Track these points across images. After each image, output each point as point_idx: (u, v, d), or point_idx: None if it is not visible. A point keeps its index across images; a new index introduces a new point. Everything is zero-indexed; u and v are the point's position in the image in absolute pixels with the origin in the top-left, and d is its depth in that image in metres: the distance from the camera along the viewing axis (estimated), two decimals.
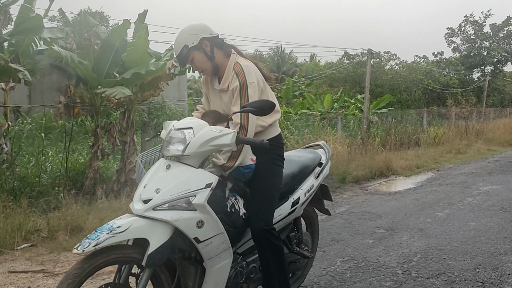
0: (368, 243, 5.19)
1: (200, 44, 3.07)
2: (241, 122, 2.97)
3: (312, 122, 15.76)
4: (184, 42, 3.06)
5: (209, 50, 3.10)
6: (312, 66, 44.00)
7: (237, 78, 3.02)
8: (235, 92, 3.02)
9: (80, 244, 2.46)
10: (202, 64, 3.12)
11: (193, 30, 3.09)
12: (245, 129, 2.97)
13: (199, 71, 3.20)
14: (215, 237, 2.77)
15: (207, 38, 3.09)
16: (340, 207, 7.26)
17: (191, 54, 3.08)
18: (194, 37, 3.06)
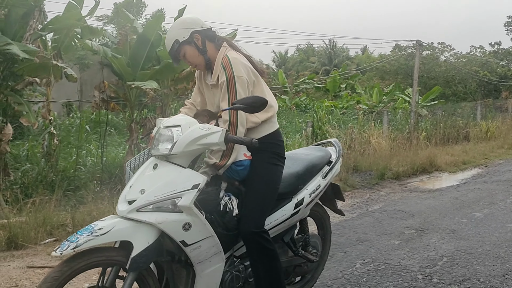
0: (394, 245, 4.95)
1: (191, 38, 2.94)
2: (230, 119, 2.82)
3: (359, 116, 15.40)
4: (175, 37, 2.94)
5: (201, 43, 2.97)
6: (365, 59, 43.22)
7: (225, 72, 2.87)
8: (222, 86, 2.88)
9: (59, 247, 2.39)
10: (194, 58, 3.00)
11: (183, 24, 2.97)
12: (234, 126, 2.82)
13: (192, 66, 3.09)
14: (204, 241, 2.65)
15: (198, 32, 2.96)
16: (374, 204, 7.00)
17: (183, 48, 2.96)
18: (185, 31, 2.94)
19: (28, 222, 5.25)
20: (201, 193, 2.82)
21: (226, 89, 2.85)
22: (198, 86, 3.25)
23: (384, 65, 29.60)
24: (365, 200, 7.29)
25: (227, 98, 2.85)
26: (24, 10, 6.58)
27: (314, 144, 4.08)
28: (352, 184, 8.24)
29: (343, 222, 5.96)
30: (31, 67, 6.63)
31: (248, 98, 2.69)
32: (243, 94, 2.85)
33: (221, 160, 2.81)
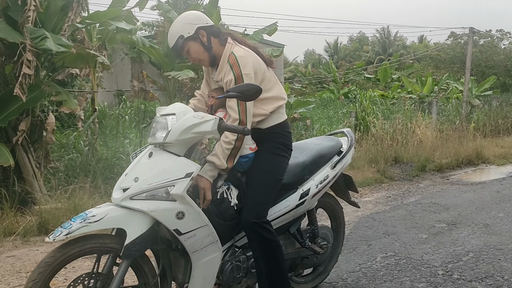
0: (421, 238, 4.79)
1: (196, 34, 2.88)
2: (240, 118, 2.77)
3: (406, 106, 14.98)
4: (179, 32, 2.87)
5: (206, 40, 2.90)
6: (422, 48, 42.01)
7: (231, 71, 2.81)
8: (229, 85, 2.80)
9: (52, 233, 2.44)
10: (198, 55, 2.93)
11: (188, 20, 2.91)
12: (244, 124, 2.76)
13: (196, 63, 3.04)
14: (199, 230, 2.63)
15: (203, 28, 2.90)
16: (410, 197, 6.80)
17: (187, 45, 2.89)
18: (190, 27, 2.87)
19: (60, 208, 5.41)
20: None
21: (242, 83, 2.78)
22: (206, 79, 3.21)
23: (439, 54, 28.60)
24: (402, 193, 7.09)
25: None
26: (63, 2, 6.72)
27: (327, 134, 3.98)
28: (391, 176, 8.03)
29: (374, 214, 5.83)
30: (69, 57, 6.77)
31: (242, 85, 2.64)
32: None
33: (228, 161, 2.76)
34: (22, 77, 5.67)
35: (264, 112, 2.92)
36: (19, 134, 6.19)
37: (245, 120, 2.77)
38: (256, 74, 2.86)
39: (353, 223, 5.44)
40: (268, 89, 2.95)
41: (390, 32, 45.30)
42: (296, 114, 11.35)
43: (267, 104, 2.92)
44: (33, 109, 6.55)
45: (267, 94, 2.93)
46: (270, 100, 2.95)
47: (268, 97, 2.94)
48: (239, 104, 2.76)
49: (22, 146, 6.35)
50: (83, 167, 7.23)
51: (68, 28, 6.70)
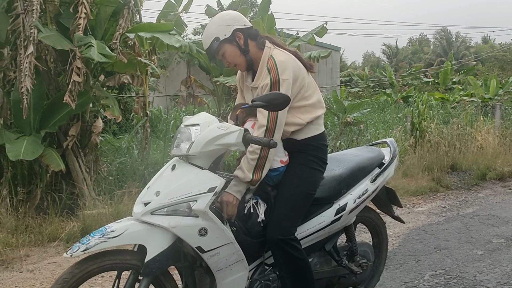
0: (475, 255, 4.45)
1: (233, 36, 2.72)
2: (267, 125, 2.60)
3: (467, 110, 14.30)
4: (215, 34, 2.71)
5: (243, 42, 2.74)
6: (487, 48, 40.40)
7: (269, 75, 2.64)
8: (265, 90, 2.64)
9: (70, 248, 2.36)
10: (234, 58, 2.77)
11: (224, 21, 2.74)
12: (271, 133, 2.60)
13: (231, 67, 2.86)
14: (223, 247, 2.49)
15: (240, 30, 2.74)
16: (467, 208, 6.41)
17: (223, 47, 2.73)
18: (226, 28, 2.71)
19: (104, 214, 5.42)
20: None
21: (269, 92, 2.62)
22: (240, 88, 3.05)
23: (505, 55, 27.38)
24: (458, 203, 6.70)
25: None
26: (112, 9, 6.77)
27: (368, 144, 3.74)
28: (447, 184, 7.62)
29: (426, 226, 5.52)
30: (119, 64, 6.83)
31: (269, 94, 2.48)
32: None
33: (255, 174, 2.61)
34: (71, 85, 5.73)
35: (301, 122, 2.74)
36: (69, 139, 6.28)
37: (273, 129, 2.60)
38: (295, 80, 2.70)
39: (402, 235, 5.16)
40: (306, 97, 2.78)
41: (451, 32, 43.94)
42: (350, 118, 11.04)
43: (305, 113, 2.74)
44: (83, 114, 6.64)
45: (305, 101, 2.76)
46: (308, 108, 2.77)
47: (306, 105, 2.77)
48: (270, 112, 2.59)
49: (72, 151, 6.44)
50: (132, 171, 7.27)
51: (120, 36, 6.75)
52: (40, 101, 6.10)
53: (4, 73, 6.37)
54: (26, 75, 5.37)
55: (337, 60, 23.94)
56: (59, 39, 5.81)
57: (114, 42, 6.49)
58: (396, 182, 7.39)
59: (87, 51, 5.55)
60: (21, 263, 4.48)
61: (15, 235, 4.95)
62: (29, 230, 5.06)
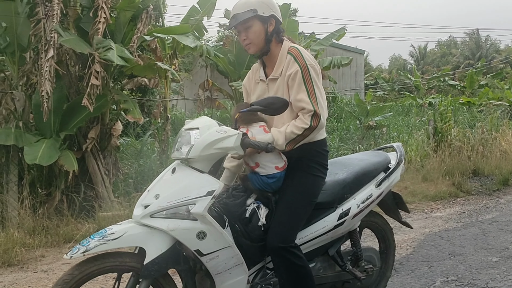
0: (490, 262, 4.37)
1: (268, 18, 2.72)
2: (314, 109, 2.59)
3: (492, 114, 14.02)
4: (255, 6, 2.68)
5: (271, 30, 2.75)
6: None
7: (296, 62, 2.66)
8: (295, 77, 2.64)
9: (70, 250, 2.40)
10: (256, 38, 2.73)
11: (269, 2, 2.74)
12: (318, 117, 2.60)
13: (245, 43, 2.79)
14: (222, 251, 2.50)
15: (275, 18, 2.76)
16: (486, 214, 6.29)
17: (253, 21, 2.70)
18: (267, 8, 2.71)
19: (120, 216, 5.47)
20: (227, 198, 2.70)
21: (302, 78, 2.63)
22: (247, 91, 3.04)
23: None
24: (478, 208, 6.58)
25: (305, 89, 2.62)
26: (132, 13, 6.86)
27: (375, 148, 3.70)
28: (468, 189, 7.49)
29: (442, 232, 5.44)
30: (138, 68, 6.92)
31: (267, 98, 2.50)
32: (318, 82, 2.67)
33: (287, 145, 2.64)
34: (90, 88, 5.83)
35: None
36: (88, 141, 6.38)
37: (319, 112, 2.61)
38: (318, 67, 2.72)
39: (418, 240, 5.10)
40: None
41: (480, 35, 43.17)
42: (372, 121, 10.94)
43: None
44: (103, 117, 6.73)
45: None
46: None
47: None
48: (309, 95, 2.60)
49: (91, 153, 6.54)
50: (151, 174, 7.33)
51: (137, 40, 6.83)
52: (60, 104, 6.22)
53: (27, 76, 6.51)
54: (46, 78, 5.46)
55: (361, 63, 23.76)
56: (79, 43, 5.91)
57: (131, 45, 6.58)
58: (415, 187, 7.31)
59: (106, 54, 5.63)
60: (36, 263, 4.56)
61: (33, 236, 5.05)
62: (46, 231, 5.14)
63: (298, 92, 2.64)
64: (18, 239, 4.82)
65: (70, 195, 6.02)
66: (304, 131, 2.60)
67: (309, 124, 2.59)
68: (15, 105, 6.15)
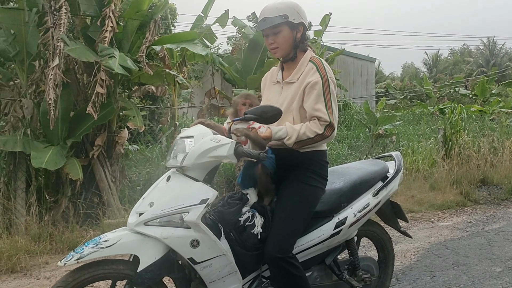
0: (493, 272, 4.32)
1: (297, 25, 2.78)
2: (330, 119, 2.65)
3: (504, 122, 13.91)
4: (286, 11, 2.74)
5: (299, 37, 2.81)
6: None
7: (318, 72, 2.72)
8: (315, 86, 2.68)
9: (64, 257, 2.42)
10: (284, 43, 2.78)
11: (299, 9, 2.80)
12: (332, 127, 2.67)
13: (272, 47, 2.83)
14: (215, 259, 2.50)
15: (304, 26, 2.82)
16: (493, 223, 6.22)
17: (283, 27, 2.76)
18: (297, 15, 2.77)
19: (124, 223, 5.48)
20: (222, 206, 2.71)
21: (322, 89, 2.68)
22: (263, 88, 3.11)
23: None
24: (486, 218, 6.52)
25: (323, 100, 2.68)
26: (139, 23, 6.92)
27: (374, 157, 3.69)
28: (475, 199, 7.42)
29: (448, 241, 5.39)
30: (145, 75, 6.96)
31: (260, 107, 2.52)
32: (335, 96, 2.73)
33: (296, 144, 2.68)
34: (95, 96, 5.88)
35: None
36: (95, 149, 6.42)
37: (334, 124, 2.68)
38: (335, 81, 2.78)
39: (422, 250, 5.06)
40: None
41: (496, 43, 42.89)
42: (381, 130, 10.90)
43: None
44: (110, 125, 6.78)
45: None
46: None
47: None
48: (327, 107, 2.66)
49: (98, 161, 6.58)
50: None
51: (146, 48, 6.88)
52: (68, 112, 6.29)
53: (36, 84, 6.58)
54: (51, 86, 5.51)
55: (372, 71, 23.68)
56: (84, 52, 5.96)
57: (140, 55, 6.63)
58: (422, 196, 7.26)
59: (108, 61, 5.67)
60: (40, 270, 4.59)
61: (38, 243, 5.09)
62: (50, 238, 5.18)
63: (316, 102, 2.68)
64: (23, 245, 4.86)
65: (77, 202, 6.07)
66: (316, 136, 2.65)
67: (323, 131, 2.65)
68: (24, 112, 6.22)
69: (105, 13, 6.21)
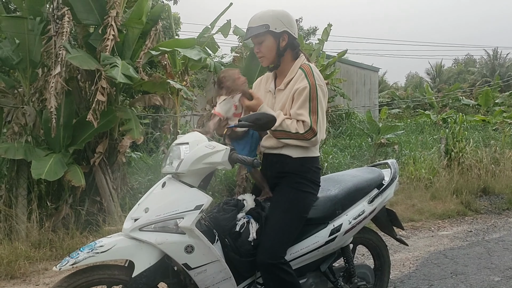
0: (491, 282, 4.31)
1: (280, 34, 2.80)
2: (311, 125, 2.66)
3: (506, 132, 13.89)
4: (268, 21, 2.77)
5: (283, 46, 2.82)
6: None
7: (306, 79, 2.72)
8: (301, 93, 2.70)
9: (60, 262, 2.44)
10: (267, 51, 2.83)
11: (281, 16, 2.81)
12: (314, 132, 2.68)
13: (258, 56, 2.89)
14: (209, 265, 2.52)
15: (288, 34, 2.83)
16: (494, 233, 6.21)
17: (265, 36, 2.80)
18: (279, 24, 2.79)
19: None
20: (218, 212, 2.73)
21: (308, 96, 2.69)
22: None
23: None
24: (486, 227, 6.50)
25: (308, 106, 2.68)
26: (140, 31, 6.96)
27: (370, 165, 3.71)
28: (476, 208, 7.40)
29: (447, 250, 5.38)
30: (148, 83, 7.00)
31: (254, 114, 2.53)
32: (323, 103, 2.73)
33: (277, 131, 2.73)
34: (95, 104, 5.91)
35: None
36: (96, 156, 6.44)
37: (316, 129, 2.68)
38: (325, 88, 2.78)
39: (421, 259, 5.06)
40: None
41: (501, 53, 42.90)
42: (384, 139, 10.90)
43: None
44: (111, 132, 6.81)
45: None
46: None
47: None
48: (311, 113, 2.67)
49: (100, 168, 6.60)
50: None
51: (144, 56, 6.93)
52: (70, 120, 6.32)
53: (40, 92, 6.62)
54: (52, 94, 5.55)
55: (375, 81, 23.69)
56: (86, 60, 5.99)
57: (138, 61, 6.67)
58: (423, 205, 7.26)
59: (111, 71, 5.71)
60: (39, 276, 4.62)
61: (38, 249, 5.11)
62: (50, 244, 5.20)
63: (300, 107, 2.70)
64: (23, 252, 4.88)
65: (77, 209, 6.09)
66: (295, 134, 2.68)
67: (303, 132, 2.66)
68: (26, 120, 6.26)
69: (106, 21, 6.25)
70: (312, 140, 2.69)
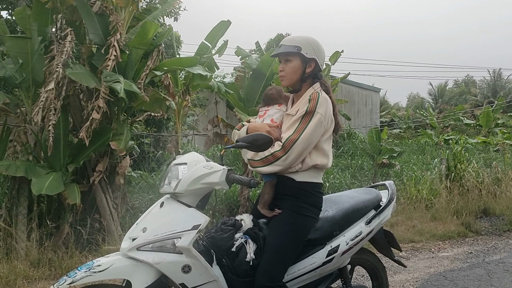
0: None
1: (308, 60, 2.86)
2: (284, 144, 2.69)
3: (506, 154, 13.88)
4: (301, 44, 2.85)
5: (309, 72, 2.88)
6: None
7: (308, 104, 2.76)
8: (297, 114, 2.75)
9: (57, 281, 2.45)
10: (292, 73, 2.89)
11: (315, 45, 2.90)
12: (286, 149, 2.68)
13: (281, 74, 2.95)
14: (207, 285, 2.54)
15: (316, 62, 2.89)
16: (494, 254, 6.19)
17: (294, 57, 2.87)
18: (311, 51, 2.86)
19: None
20: (215, 232, 2.74)
21: (300, 119, 2.72)
22: None
23: None
24: (487, 249, 6.48)
25: (296, 127, 2.71)
26: (143, 51, 7.03)
27: (368, 186, 3.72)
28: (477, 229, 7.38)
29: (447, 272, 5.36)
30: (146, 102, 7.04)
31: (251, 135, 2.56)
32: (314, 132, 2.71)
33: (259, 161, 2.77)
34: (89, 122, 5.93)
35: (308, 161, 2.78)
36: (96, 174, 6.45)
37: (286, 150, 2.68)
38: (325, 118, 2.77)
39: (421, 280, 5.04)
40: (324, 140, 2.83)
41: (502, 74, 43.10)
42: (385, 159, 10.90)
43: (316, 156, 2.80)
44: (112, 151, 6.82)
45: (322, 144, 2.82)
46: (321, 153, 2.82)
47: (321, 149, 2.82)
48: (294, 133, 2.69)
49: (100, 187, 6.61)
50: None
51: (146, 76, 6.98)
52: (70, 138, 6.35)
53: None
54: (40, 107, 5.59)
55: (376, 101, 23.84)
56: (86, 77, 6.03)
57: (139, 82, 6.72)
58: (423, 226, 7.24)
59: (113, 85, 5.75)
60: None
61: (37, 268, 5.11)
62: (49, 264, 5.20)
63: (290, 127, 2.74)
64: (21, 271, 4.88)
65: (77, 228, 6.09)
66: (266, 157, 2.71)
67: (273, 152, 2.69)
68: (28, 138, 6.30)
69: (109, 41, 6.32)
70: (282, 160, 2.68)
